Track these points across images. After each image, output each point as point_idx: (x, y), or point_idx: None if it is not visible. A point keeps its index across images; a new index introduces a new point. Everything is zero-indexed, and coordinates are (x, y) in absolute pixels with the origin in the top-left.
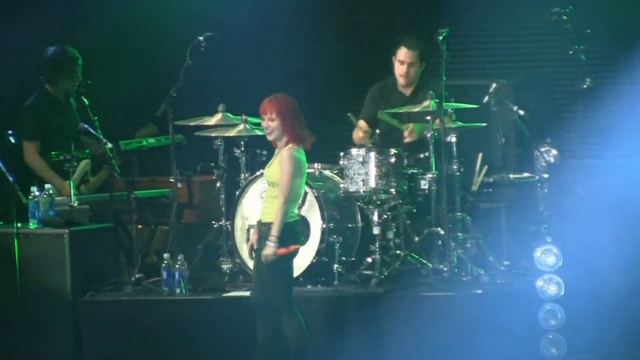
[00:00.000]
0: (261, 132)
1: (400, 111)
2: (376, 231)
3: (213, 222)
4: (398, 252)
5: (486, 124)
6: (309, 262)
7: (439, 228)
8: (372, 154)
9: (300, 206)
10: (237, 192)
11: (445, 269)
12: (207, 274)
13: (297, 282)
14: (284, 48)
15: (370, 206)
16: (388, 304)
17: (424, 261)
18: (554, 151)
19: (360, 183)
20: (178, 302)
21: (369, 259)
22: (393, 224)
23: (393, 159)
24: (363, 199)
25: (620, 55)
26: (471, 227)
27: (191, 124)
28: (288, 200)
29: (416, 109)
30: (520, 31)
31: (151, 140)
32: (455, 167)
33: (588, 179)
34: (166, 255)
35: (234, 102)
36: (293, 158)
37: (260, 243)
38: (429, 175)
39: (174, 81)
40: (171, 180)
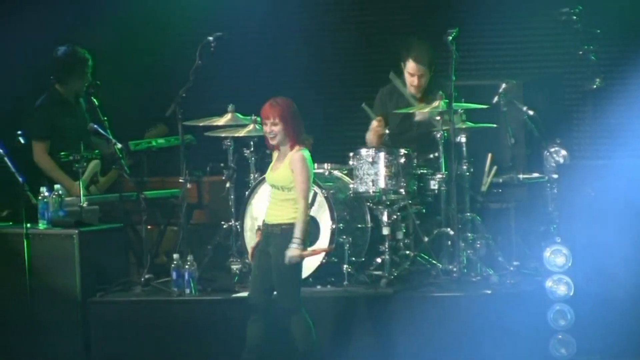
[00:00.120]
0: None
1: (410, 111)
2: (386, 231)
3: (222, 223)
4: (407, 253)
5: (496, 125)
6: (319, 263)
7: (449, 228)
8: (382, 154)
9: (309, 206)
10: (247, 193)
11: (454, 270)
12: (217, 275)
13: (307, 283)
14: (294, 48)
15: (379, 206)
16: (397, 305)
17: (434, 262)
18: (564, 152)
19: (369, 183)
20: (187, 303)
21: (379, 260)
22: (402, 225)
23: (403, 159)
24: (372, 200)
25: (630, 55)
26: (480, 228)
27: (201, 125)
28: (306, 201)
29: (426, 109)
30: (530, 31)
31: (161, 140)
32: (464, 168)
33: (597, 180)
34: (176, 255)
35: (244, 103)
36: (305, 160)
37: (266, 244)
38: (439, 175)
39: (184, 81)
40: (181, 180)
